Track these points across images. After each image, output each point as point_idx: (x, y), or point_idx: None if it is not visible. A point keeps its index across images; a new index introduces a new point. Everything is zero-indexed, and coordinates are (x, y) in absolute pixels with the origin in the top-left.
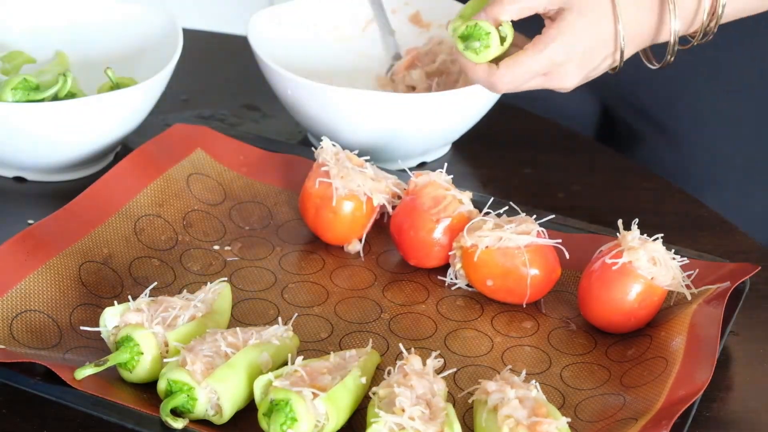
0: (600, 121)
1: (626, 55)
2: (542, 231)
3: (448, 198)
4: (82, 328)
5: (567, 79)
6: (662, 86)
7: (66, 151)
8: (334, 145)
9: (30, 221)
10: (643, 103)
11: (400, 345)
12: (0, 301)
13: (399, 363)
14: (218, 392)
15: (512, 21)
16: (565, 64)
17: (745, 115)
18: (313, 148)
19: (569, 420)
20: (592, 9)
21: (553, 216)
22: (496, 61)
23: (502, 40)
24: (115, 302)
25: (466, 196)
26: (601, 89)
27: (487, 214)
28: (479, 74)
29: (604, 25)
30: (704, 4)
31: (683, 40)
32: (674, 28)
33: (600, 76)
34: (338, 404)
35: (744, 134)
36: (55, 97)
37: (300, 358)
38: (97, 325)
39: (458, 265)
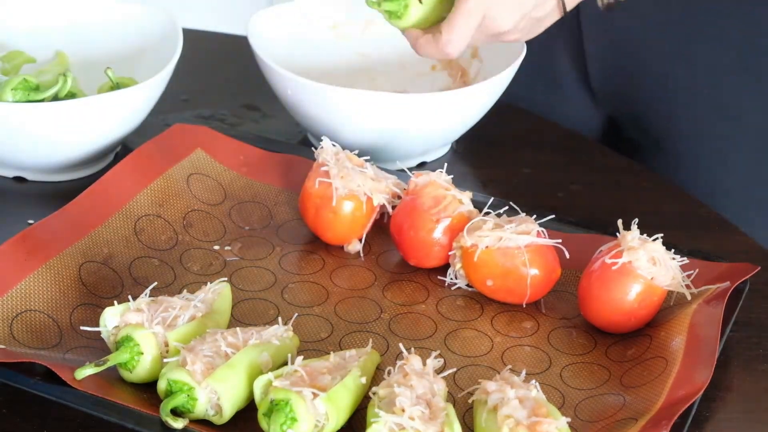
0: (604, 135)
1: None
2: (542, 231)
3: (448, 198)
4: (82, 328)
5: (501, 21)
6: (661, 105)
7: (66, 151)
8: (334, 145)
9: (30, 221)
10: (643, 121)
11: (400, 345)
12: (0, 301)
13: (399, 363)
14: (218, 392)
15: None
16: (493, 6)
17: (746, 139)
18: (313, 148)
19: (569, 420)
20: None
21: (553, 216)
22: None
23: None
24: (115, 302)
25: (466, 196)
26: (604, 103)
27: (487, 214)
28: (427, 49)
29: None
30: None
31: None
32: None
33: (604, 88)
34: (338, 404)
35: (743, 158)
36: (55, 97)
37: (300, 358)
38: (97, 325)
39: (458, 265)
